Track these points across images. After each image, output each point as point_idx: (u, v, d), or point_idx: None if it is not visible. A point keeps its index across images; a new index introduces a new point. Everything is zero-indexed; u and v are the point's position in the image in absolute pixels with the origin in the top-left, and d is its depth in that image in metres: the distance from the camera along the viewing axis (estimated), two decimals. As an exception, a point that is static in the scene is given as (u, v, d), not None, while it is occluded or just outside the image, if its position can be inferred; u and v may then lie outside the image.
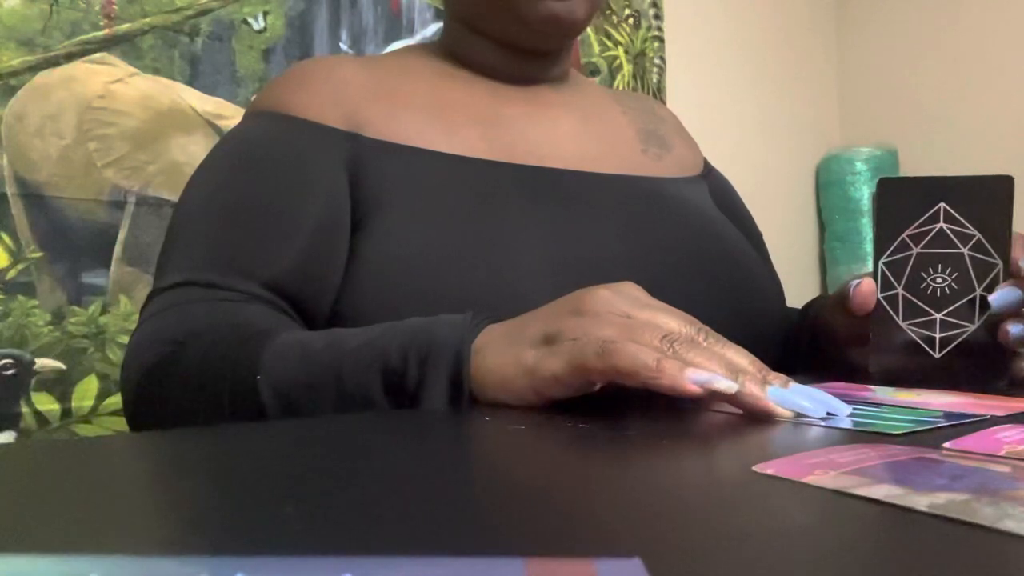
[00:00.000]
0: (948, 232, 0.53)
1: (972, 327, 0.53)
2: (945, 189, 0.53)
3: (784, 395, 0.37)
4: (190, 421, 0.48)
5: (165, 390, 0.49)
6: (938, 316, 0.54)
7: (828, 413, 0.37)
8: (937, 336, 0.54)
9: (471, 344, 0.42)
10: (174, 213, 0.60)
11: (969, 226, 0.53)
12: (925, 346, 0.54)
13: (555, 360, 0.39)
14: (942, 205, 0.53)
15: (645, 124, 0.74)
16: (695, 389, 0.36)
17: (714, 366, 0.37)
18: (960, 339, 0.53)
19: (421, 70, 0.67)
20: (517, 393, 0.41)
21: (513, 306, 0.52)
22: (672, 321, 0.40)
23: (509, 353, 0.41)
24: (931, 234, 0.54)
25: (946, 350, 0.53)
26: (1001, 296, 0.52)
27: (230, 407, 0.46)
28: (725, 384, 0.36)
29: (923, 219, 0.54)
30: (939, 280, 0.54)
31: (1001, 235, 0.53)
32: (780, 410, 0.37)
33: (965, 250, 0.53)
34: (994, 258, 0.53)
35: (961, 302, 0.53)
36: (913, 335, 0.54)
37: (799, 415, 0.37)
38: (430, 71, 0.67)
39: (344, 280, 0.55)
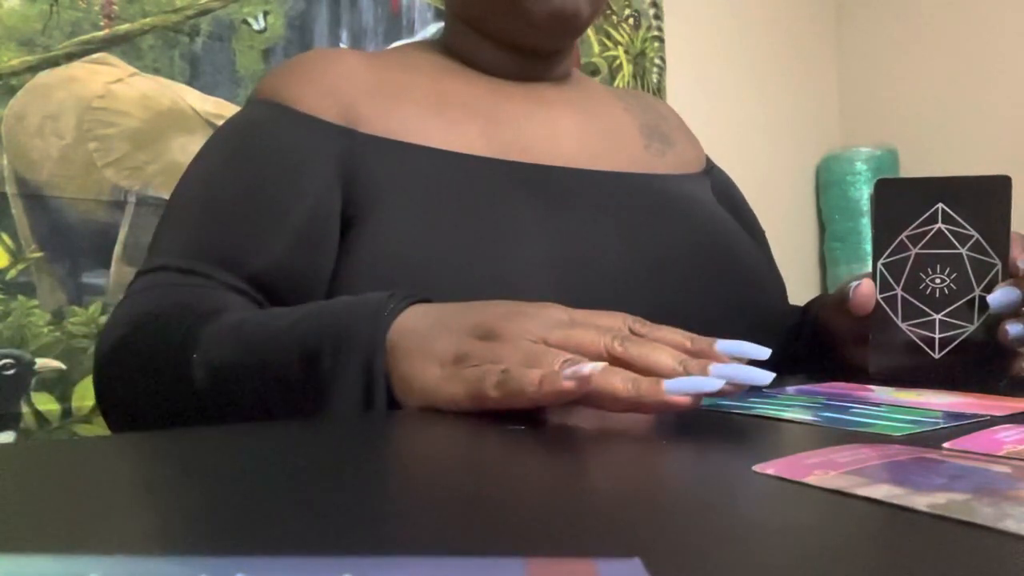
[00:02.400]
0: (946, 232, 0.53)
1: (971, 327, 0.53)
2: (943, 190, 0.53)
3: (684, 384, 0.35)
4: (141, 404, 0.49)
5: (120, 372, 0.50)
6: (937, 317, 0.54)
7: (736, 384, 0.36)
8: (936, 336, 0.54)
9: (385, 334, 0.41)
10: (170, 196, 0.61)
11: (967, 226, 0.53)
12: (925, 347, 0.54)
13: (456, 386, 0.38)
14: (940, 206, 0.53)
15: (647, 121, 0.74)
16: (568, 385, 0.34)
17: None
18: (960, 339, 0.53)
19: (423, 66, 0.67)
20: (423, 405, 0.40)
21: None
22: (588, 335, 0.38)
23: (417, 365, 0.40)
24: (929, 235, 0.54)
25: (946, 350, 0.53)
26: (1000, 296, 0.52)
27: (170, 386, 0.46)
28: (588, 368, 0.34)
29: (921, 220, 0.54)
30: (938, 281, 0.54)
31: (999, 235, 0.53)
32: (678, 399, 0.35)
33: (964, 250, 0.53)
34: (993, 258, 0.53)
35: (960, 302, 0.53)
36: (913, 336, 0.54)
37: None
38: (432, 67, 0.67)
39: (339, 277, 0.55)
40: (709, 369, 0.36)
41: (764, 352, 0.38)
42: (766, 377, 0.36)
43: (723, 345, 0.38)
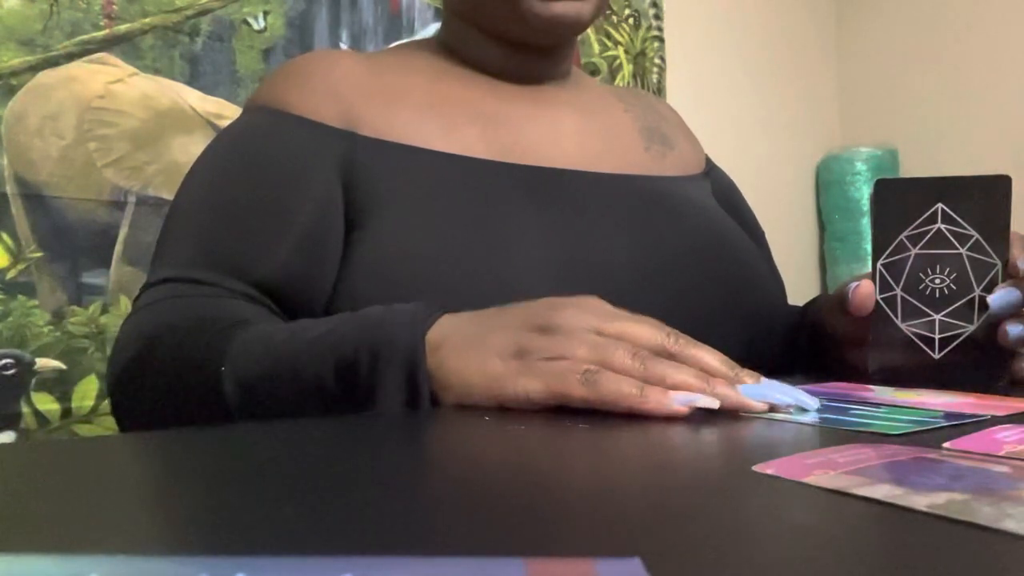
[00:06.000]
0: (946, 233, 0.53)
1: (971, 328, 0.53)
2: (943, 190, 0.53)
3: (755, 389, 0.39)
4: (165, 417, 0.48)
5: (140, 386, 0.50)
6: (937, 317, 0.54)
7: (799, 407, 0.39)
8: (936, 337, 0.54)
9: (424, 338, 0.42)
10: (170, 207, 0.60)
11: (967, 226, 0.53)
12: (924, 347, 0.54)
13: (531, 380, 0.39)
14: (940, 206, 0.53)
15: (648, 122, 0.74)
16: (682, 410, 0.37)
17: (689, 378, 0.38)
18: (959, 340, 0.53)
19: (420, 67, 0.67)
20: (479, 401, 0.40)
21: None
22: (642, 332, 0.41)
23: (473, 359, 0.41)
24: (929, 235, 0.53)
25: (946, 350, 0.53)
26: (1000, 297, 0.52)
27: (197, 401, 0.46)
28: (706, 401, 0.37)
29: (921, 220, 0.54)
30: (938, 281, 0.54)
31: (999, 235, 0.53)
32: (754, 404, 0.38)
33: (963, 251, 0.53)
34: (992, 258, 0.53)
35: (960, 303, 0.53)
36: (912, 336, 0.54)
37: (771, 408, 0.39)
38: (429, 68, 0.67)
39: (339, 280, 0.55)
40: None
41: (811, 403, 0.40)
42: (811, 402, 0.39)
43: (747, 391, 0.39)
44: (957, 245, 0.53)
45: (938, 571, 0.17)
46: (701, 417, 0.38)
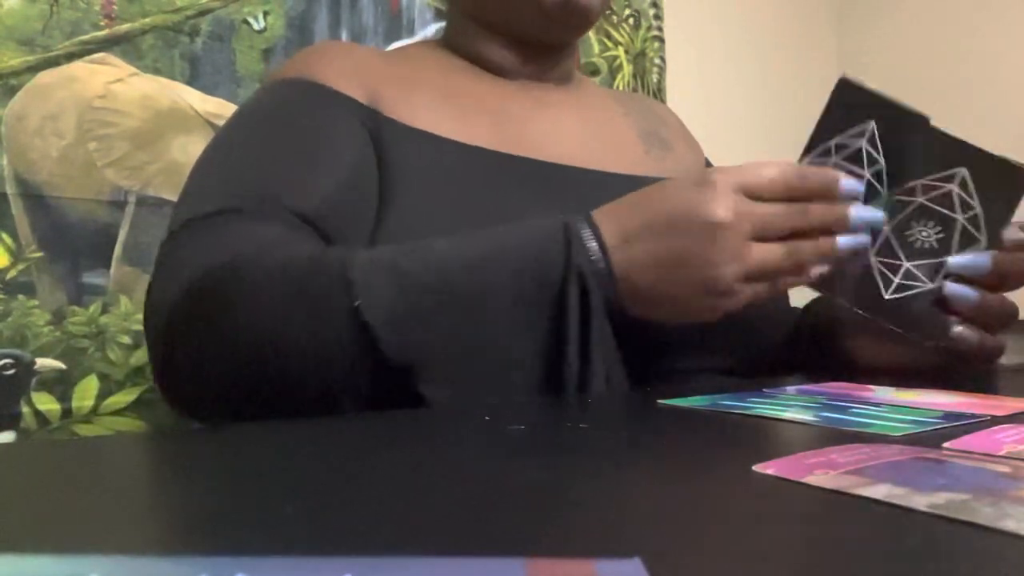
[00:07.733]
0: (955, 197, 0.54)
1: (930, 285, 0.54)
2: (972, 158, 0.54)
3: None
4: (261, 325, 0.44)
5: (228, 293, 0.46)
6: (906, 264, 0.55)
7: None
8: (896, 280, 0.55)
9: (615, 282, 0.48)
10: (204, 151, 0.59)
11: (975, 199, 0.54)
12: (880, 282, 0.55)
13: (734, 302, 0.49)
14: (964, 171, 0.54)
15: (647, 126, 0.75)
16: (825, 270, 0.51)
17: (816, 250, 0.50)
18: (914, 291, 0.54)
19: (428, 62, 0.68)
20: (687, 321, 0.51)
21: None
22: (780, 221, 0.49)
23: (670, 310, 0.50)
24: (940, 191, 0.54)
25: (897, 294, 0.54)
26: (970, 258, 0.53)
27: (322, 326, 0.44)
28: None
29: (941, 175, 0.54)
30: (924, 234, 0.55)
31: (999, 220, 0.54)
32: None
33: (961, 218, 0.54)
34: (981, 235, 0.54)
35: (932, 260, 0.54)
36: (874, 268, 0.55)
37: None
38: (437, 64, 0.68)
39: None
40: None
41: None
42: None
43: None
44: (959, 211, 0.54)
45: (938, 571, 0.17)
46: (701, 419, 0.38)
